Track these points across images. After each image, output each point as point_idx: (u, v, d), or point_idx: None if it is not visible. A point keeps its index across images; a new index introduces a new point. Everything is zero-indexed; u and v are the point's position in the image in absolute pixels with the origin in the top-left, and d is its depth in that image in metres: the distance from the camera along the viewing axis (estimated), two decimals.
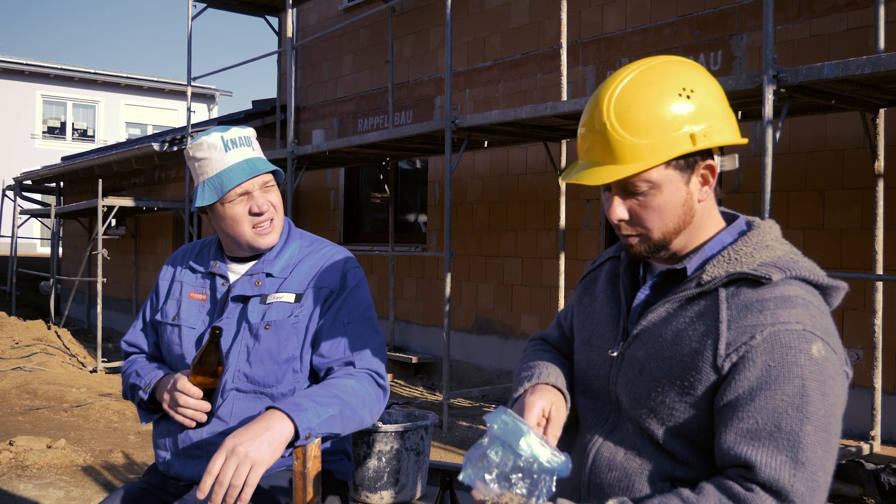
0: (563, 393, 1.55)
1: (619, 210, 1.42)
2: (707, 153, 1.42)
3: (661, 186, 1.39)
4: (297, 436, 1.70)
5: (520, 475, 1.28)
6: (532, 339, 1.82)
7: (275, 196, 2.04)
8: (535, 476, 1.28)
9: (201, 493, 1.58)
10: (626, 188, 1.40)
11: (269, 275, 2.03)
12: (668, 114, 1.36)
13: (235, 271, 2.08)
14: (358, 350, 1.97)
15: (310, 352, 2.00)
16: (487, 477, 1.29)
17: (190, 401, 1.84)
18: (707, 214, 1.46)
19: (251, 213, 1.98)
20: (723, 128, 1.40)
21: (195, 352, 2.01)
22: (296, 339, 1.98)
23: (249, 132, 2.04)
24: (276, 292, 2.01)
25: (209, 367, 1.84)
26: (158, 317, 2.12)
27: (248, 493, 1.60)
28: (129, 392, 2.09)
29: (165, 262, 2.23)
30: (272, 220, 2.02)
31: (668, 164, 1.38)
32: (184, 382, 1.85)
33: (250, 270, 2.05)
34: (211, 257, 2.12)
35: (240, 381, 1.97)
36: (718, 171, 1.43)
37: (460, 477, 1.31)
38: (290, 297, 2.00)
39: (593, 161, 1.41)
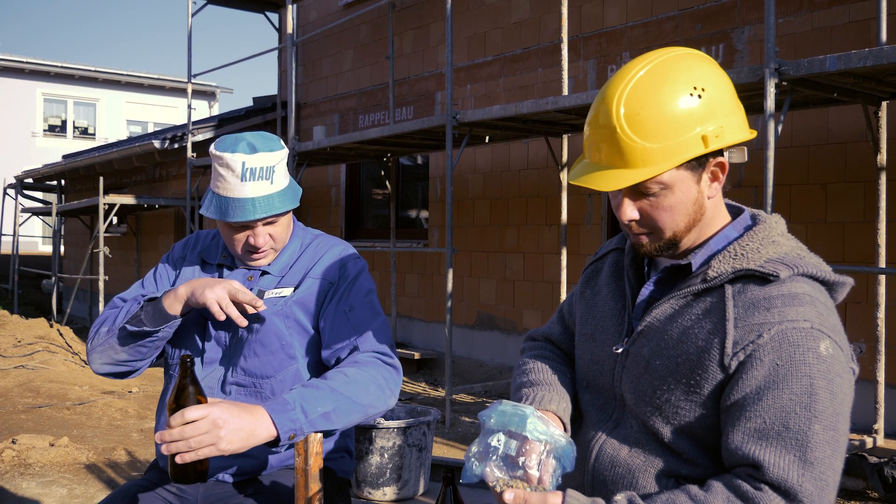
0: (563, 423, 1.52)
1: (630, 211, 1.40)
2: (717, 150, 1.40)
3: (673, 187, 1.37)
4: (279, 437, 1.69)
5: (524, 458, 1.29)
6: (532, 339, 1.77)
7: (277, 228, 1.99)
8: (543, 456, 1.29)
9: (168, 428, 1.59)
10: (636, 189, 1.38)
11: (265, 273, 2.04)
12: (679, 116, 1.33)
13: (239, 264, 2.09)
14: (361, 334, 1.95)
15: (305, 336, 1.98)
16: (494, 465, 1.29)
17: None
18: (716, 210, 1.45)
19: (248, 243, 1.97)
20: (734, 125, 1.38)
21: (200, 342, 1.99)
22: (284, 323, 1.96)
23: (276, 158, 1.93)
24: (275, 288, 2.01)
25: (189, 404, 1.66)
26: None
27: (191, 457, 1.60)
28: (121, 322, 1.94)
29: (170, 252, 2.19)
30: (267, 252, 2.01)
31: (679, 165, 1.36)
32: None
33: (249, 265, 2.05)
34: (220, 249, 2.11)
35: (239, 375, 1.97)
36: (728, 166, 1.42)
37: (467, 473, 1.31)
38: (288, 291, 2.00)
39: (601, 162, 1.38)
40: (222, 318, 1.83)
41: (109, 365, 1.98)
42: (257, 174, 1.91)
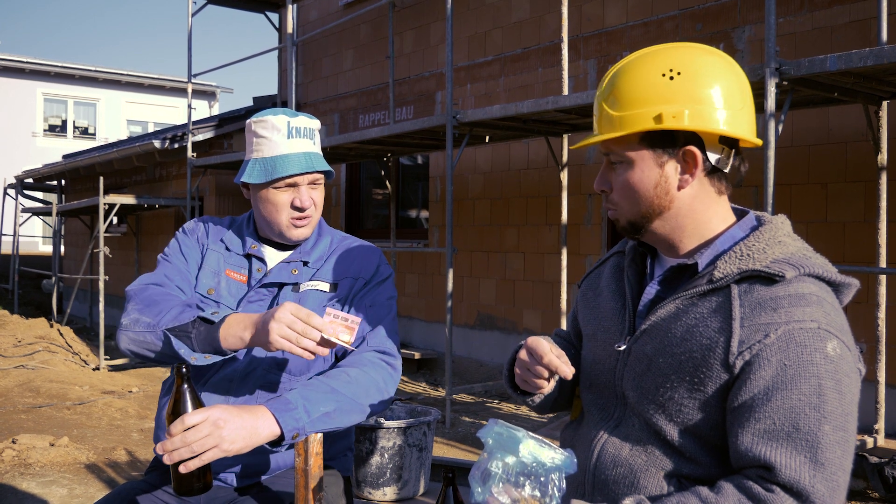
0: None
1: (599, 180, 1.49)
2: (694, 140, 1.40)
3: (633, 163, 1.43)
4: (282, 435, 1.68)
5: (528, 480, 1.28)
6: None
7: (318, 194, 2.03)
8: (543, 478, 1.28)
9: (168, 437, 1.55)
10: (610, 161, 1.46)
11: (305, 263, 2.04)
12: (643, 91, 1.39)
13: (270, 256, 2.07)
14: (372, 330, 1.98)
15: None
16: (496, 490, 1.28)
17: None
18: (703, 205, 1.44)
19: (293, 206, 1.98)
20: (705, 115, 1.37)
21: None
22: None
23: (315, 124, 2.02)
24: (310, 280, 2.02)
25: (187, 412, 1.63)
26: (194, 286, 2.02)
27: (196, 464, 1.56)
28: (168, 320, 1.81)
29: (187, 229, 2.10)
30: (311, 216, 2.02)
31: (641, 141, 1.41)
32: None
33: (288, 258, 2.04)
34: (245, 237, 2.07)
35: (272, 372, 1.95)
36: (704, 161, 1.41)
37: (472, 496, 1.31)
38: (326, 286, 2.01)
39: (593, 130, 1.49)
40: (306, 355, 1.73)
41: (139, 352, 1.89)
42: (302, 133, 1.97)
